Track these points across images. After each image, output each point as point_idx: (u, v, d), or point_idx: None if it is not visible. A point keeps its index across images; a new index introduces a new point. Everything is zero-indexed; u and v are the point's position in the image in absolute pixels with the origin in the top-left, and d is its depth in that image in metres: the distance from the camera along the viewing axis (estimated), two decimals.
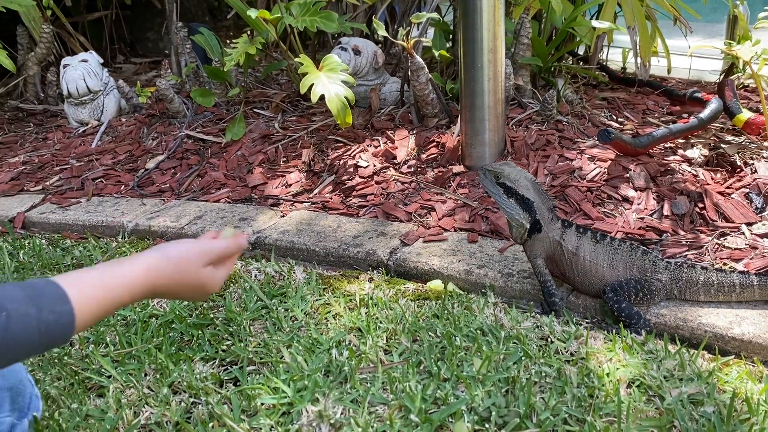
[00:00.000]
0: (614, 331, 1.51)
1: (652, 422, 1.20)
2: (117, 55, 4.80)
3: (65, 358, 1.52)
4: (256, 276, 1.89)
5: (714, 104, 2.35)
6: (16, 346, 0.96)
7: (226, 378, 1.43)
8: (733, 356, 1.43)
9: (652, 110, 2.77)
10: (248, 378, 1.40)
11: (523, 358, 1.40)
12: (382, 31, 2.35)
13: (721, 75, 3.29)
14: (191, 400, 1.35)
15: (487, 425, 1.20)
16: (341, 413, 1.27)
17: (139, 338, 1.57)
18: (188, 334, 1.60)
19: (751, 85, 3.08)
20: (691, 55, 3.15)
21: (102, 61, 3.35)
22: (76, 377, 1.45)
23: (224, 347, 1.53)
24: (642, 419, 1.21)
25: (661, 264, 1.57)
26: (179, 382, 1.41)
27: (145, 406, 1.34)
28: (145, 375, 1.45)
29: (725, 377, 1.34)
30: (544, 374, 1.34)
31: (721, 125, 2.52)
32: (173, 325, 1.63)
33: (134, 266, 1.11)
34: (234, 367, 1.46)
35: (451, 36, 2.99)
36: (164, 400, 1.34)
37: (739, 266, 1.71)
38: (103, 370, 1.46)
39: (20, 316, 0.96)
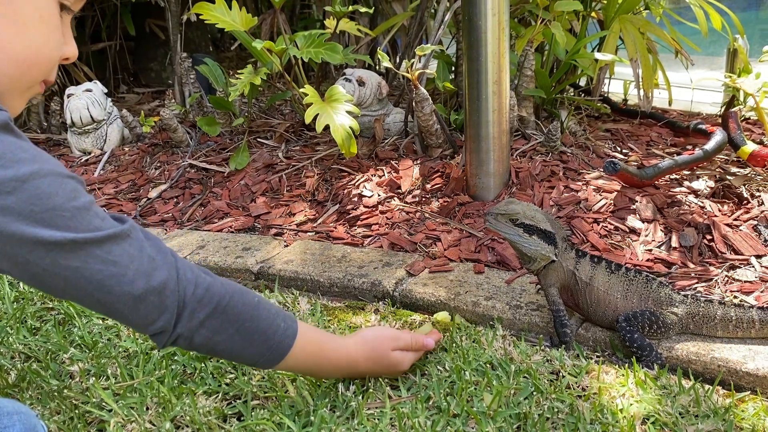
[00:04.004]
0: (627, 365, 1.48)
1: None
2: (120, 85, 4.82)
3: (65, 391, 1.48)
4: None
5: (719, 136, 2.35)
6: (257, 327, 1.17)
7: (229, 413, 1.39)
8: (749, 392, 1.40)
9: (656, 142, 2.78)
10: (252, 413, 1.37)
11: (534, 393, 1.37)
12: (386, 63, 2.36)
13: (721, 107, 3.30)
14: None
15: None
16: None
17: (141, 370, 1.54)
18: (191, 367, 1.56)
19: (752, 118, 3.09)
20: (693, 88, 3.17)
21: (106, 90, 3.37)
22: (76, 411, 1.41)
23: (227, 381, 1.50)
24: None
25: (677, 297, 1.54)
26: (182, 416, 1.37)
27: None
28: (147, 409, 1.41)
29: (741, 413, 1.31)
30: (556, 410, 1.31)
31: (726, 157, 2.52)
32: (175, 358, 1.60)
33: (345, 339, 1.38)
34: (238, 401, 1.43)
35: (453, 68, 3.00)
36: None
37: (750, 299, 1.69)
38: (103, 403, 1.43)
39: (266, 308, 1.20)
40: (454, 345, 1.58)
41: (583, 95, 3.24)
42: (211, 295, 1.10)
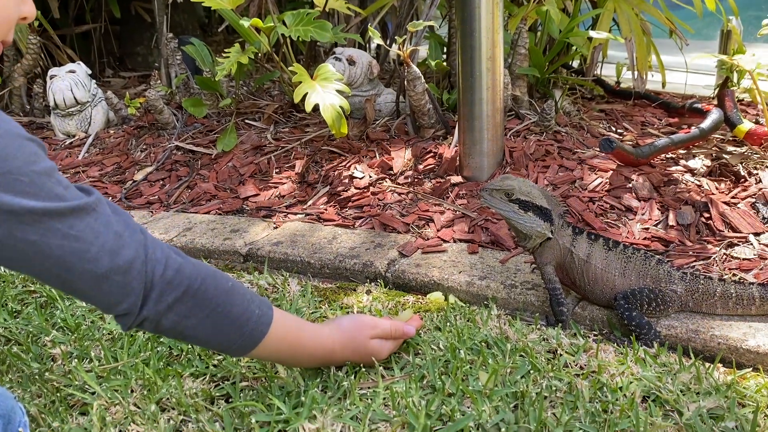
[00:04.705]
0: (626, 343, 1.44)
1: None
2: (106, 69, 4.73)
3: (46, 374, 1.43)
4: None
5: (715, 114, 2.32)
6: (230, 313, 1.10)
7: (217, 394, 1.34)
8: (750, 369, 1.37)
9: (651, 122, 2.74)
10: (241, 394, 1.32)
11: (531, 371, 1.33)
12: (377, 39, 2.30)
13: (715, 89, 3.27)
14: (180, 417, 1.27)
15: None
16: (340, 431, 1.20)
17: (126, 353, 1.49)
18: (177, 349, 1.51)
19: (746, 99, 3.06)
20: (687, 71, 3.13)
21: (90, 71, 3.28)
22: (58, 394, 1.36)
23: (215, 362, 1.45)
24: None
25: (676, 274, 1.51)
26: (168, 398, 1.32)
27: (132, 424, 1.26)
28: (132, 391, 1.36)
29: (744, 391, 1.27)
30: (554, 388, 1.27)
31: (722, 136, 2.49)
32: (161, 339, 1.55)
33: (321, 326, 1.31)
34: (226, 383, 1.38)
35: (445, 48, 2.95)
36: (152, 418, 1.26)
37: (749, 277, 1.66)
38: (86, 386, 1.38)
39: (240, 294, 1.12)
40: (448, 324, 1.54)
41: (576, 77, 3.19)
42: (181, 278, 1.04)
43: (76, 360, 1.48)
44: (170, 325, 1.06)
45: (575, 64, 3.27)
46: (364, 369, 1.34)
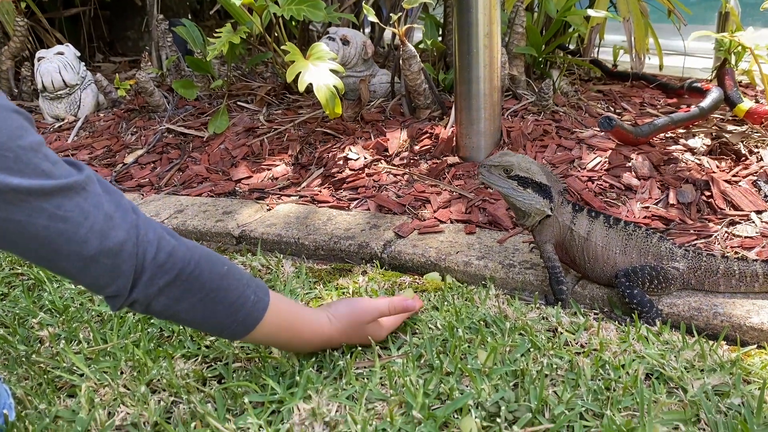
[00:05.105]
0: (627, 321, 1.41)
1: (676, 415, 1.11)
2: (96, 54, 4.65)
3: (33, 356, 1.39)
4: None
5: (715, 93, 2.28)
6: (224, 298, 1.06)
7: (209, 375, 1.31)
8: (755, 346, 1.35)
9: (649, 102, 2.71)
10: (234, 375, 1.29)
11: (531, 349, 1.30)
12: (372, 17, 2.25)
13: (712, 72, 3.23)
14: (171, 399, 1.24)
15: (498, 420, 1.10)
16: (336, 411, 1.16)
17: (115, 334, 1.45)
18: (168, 330, 1.48)
19: (744, 81, 3.03)
20: (685, 51, 3.09)
21: (79, 54, 3.22)
22: (45, 376, 1.32)
23: (207, 343, 1.41)
24: (665, 413, 1.11)
25: (678, 251, 1.47)
26: (158, 380, 1.29)
27: (121, 405, 1.22)
28: (121, 373, 1.32)
29: (749, 368, 1.25)
30: (554, 366, 1.24)
31: (721, 115, 2.46)
32: (152, 321, 1.51)
33: (318, 312, 1.26)
34: (218, 363, 1.34)
35: (441, 29, 2.90)
36: (142, 400, 1.22)
37: (752, 255, 1.63)
38: (74, 368, 1.34)
39: (236, 278, 1.08)
40: (445, 303, 1.50)
41: (573, 57, 3.15)
42: (174, 261, 1.00)
43: (64, 342, 1.44)
44: (161, 308, 1.02)
45: (572, 46, 3.23)
46: (360, 349, 1.31)
